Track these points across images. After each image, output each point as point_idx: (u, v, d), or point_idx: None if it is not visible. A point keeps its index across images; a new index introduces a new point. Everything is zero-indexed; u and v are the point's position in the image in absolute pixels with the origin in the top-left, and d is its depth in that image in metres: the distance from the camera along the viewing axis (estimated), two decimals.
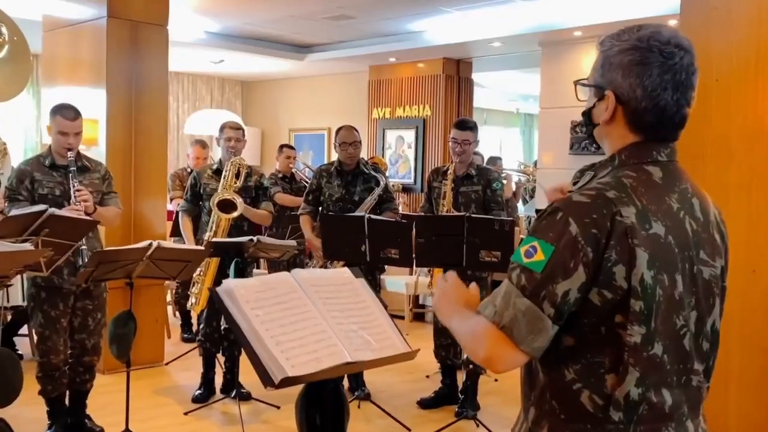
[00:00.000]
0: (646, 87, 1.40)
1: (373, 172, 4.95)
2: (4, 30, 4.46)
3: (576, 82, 1.54)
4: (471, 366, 4.57)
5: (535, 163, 8.36)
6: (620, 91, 1.42)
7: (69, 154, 3.86)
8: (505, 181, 5.98)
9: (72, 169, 3.84)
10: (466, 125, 4.76)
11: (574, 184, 1.52)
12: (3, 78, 4.49)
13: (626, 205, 1.35)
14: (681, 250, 1.39)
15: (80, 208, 3.71)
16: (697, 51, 1.45)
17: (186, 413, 4.57)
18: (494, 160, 8.38)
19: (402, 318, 6.82)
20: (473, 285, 1.58)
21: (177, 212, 5.29)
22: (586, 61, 6.78)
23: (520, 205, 8.69)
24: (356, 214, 4.64)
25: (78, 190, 3.78)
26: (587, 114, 1.52)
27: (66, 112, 3.90)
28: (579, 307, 1.34)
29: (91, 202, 3.82)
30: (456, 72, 8.35)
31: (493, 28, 6.93)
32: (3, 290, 4.23)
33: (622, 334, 1.34)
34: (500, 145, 12.64)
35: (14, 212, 3.38)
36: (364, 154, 7.30)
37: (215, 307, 4.68)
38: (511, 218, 4.49)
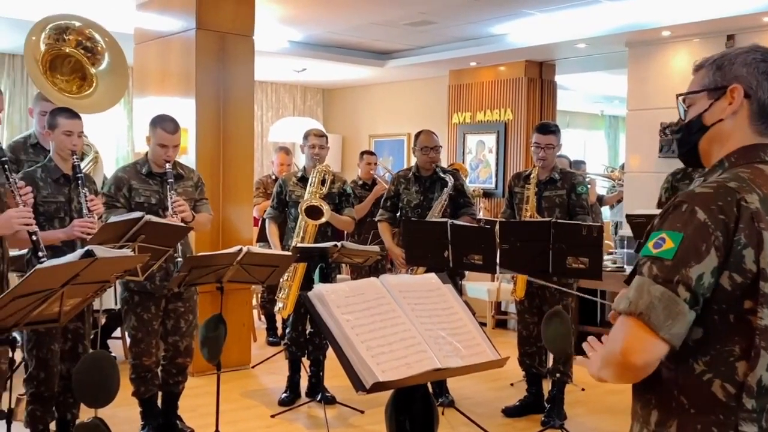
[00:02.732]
0: None
1: (441, 173, 4.95)
2: (103, 43, 4.66)
3: (680, 95, 1.61)
4: (557, 375, 4.51)
5: (622, 167, 8.17)
6: (747, 83, 1.51)
7: (167, 165, 4.00)
8: (589, 186, 5.88)
9: (170, 180, 3.95)
10: (549, 129, 4.70)
11: (665, 190, 1.57)
12: (102, 89, 4.68)
13: (749, 192, 1.40)
14: None
15: (177, 220, 3.84)
16: None
17: (273, 416, 4.67)
18: (578, 164, 8.23)
19: (484, 325, 6.78)
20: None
21: (263, 219, 5.42)
22: (675, 60, 6.59)
23: (606, 210, 8.52)
24: (438, 219, 4.64)
25: (175, 202, 3.91)
26: (696, 121, 1.57)
27: (166, 125, 4.01)
28: (710, 294, 1.37)
29: (188, 212, 3.93)
30: (538, 75, 8.25)
31: (578, 30, 6.82)
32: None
33: (752, 319, 1.37)
34: (584, 148, 12.41)
35: (113, 219, 3.53)
36: (443, 160, 7.31)
37: (301, 311, 4.80)
38: (599, 224, 4.42)
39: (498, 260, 4.27)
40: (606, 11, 6.45)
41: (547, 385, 4.69)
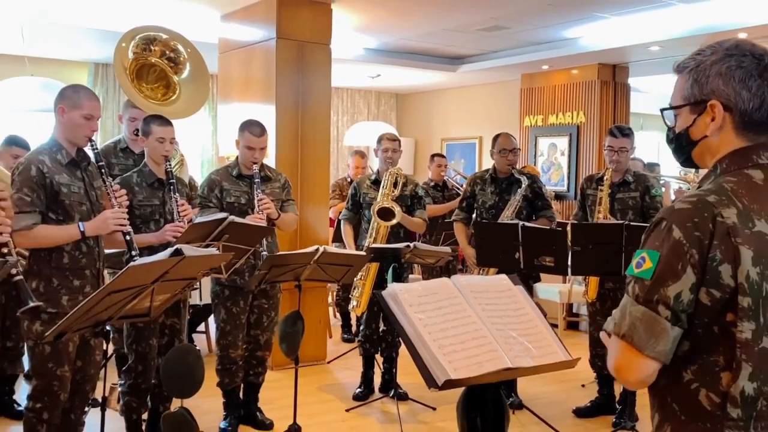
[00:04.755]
0: (751, 87, 1.43)
1: (517, 175, 4.90)
2: (186, 54, 4.81)
3: (663, 110, 1.56)
4: None
5: (697, 169, 7.91)
6: (725, 97, 1.45)
7: (254, 166, 4.12)
8: (663, 189, 5.72)
9: (257, 180, 4.09)
10: (622, 132, 4.60)
11: None
12: (185, 96, 4.83)
13: (726, 206, 1.38)
14: None
15: (263, 216, 3.95)
16: None
17: (347, 410, 4.73)
18: (652, 167, 8.01)
19: (555, 326, 6.68)
20: None
21: (338, 220, 5.49)
22: None
23: None
24: (510, 221, 4.61)
25: (261, 200, 4.03)
26: (684, 135, 1.52)
27: (253, 129, 4.16)
28: (692, 309, 1.37)
29: (273, 210, 4.07)
30: (612, 77, 8.08)
31: (651, 32, 6.65)
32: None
33: (734, 331, 1.36)
34: (658, 150, 12.07)
35: (199, 220, 3.65)
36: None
37: (374, 310, 4.85)
38: None
39: (570, 262, 4.22)
40: (679, 13, 6.27)
41: (618, 387, 4.60)
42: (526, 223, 4.42)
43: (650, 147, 11.84)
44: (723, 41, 1.49)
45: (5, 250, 2.36)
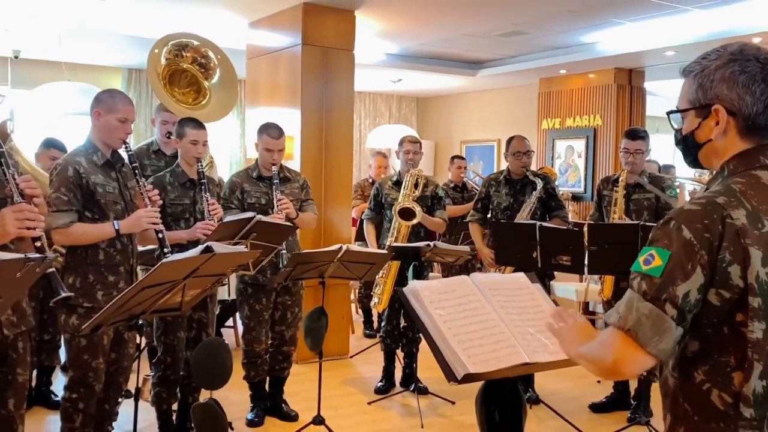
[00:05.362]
0: (755, 92, 1.41)
1: (531, 177, 4.88)
2: (216, 60, 4.85)
3: (670, 112, 1.55)
4: (644, 373, 4.38)
5: (711, 171, 7.82)
6: (729, 102, 1.43)
7: (273, 168, 4.15)
8: (678, 190, 5.66)
9: (275, 181, 4.11)
10: (638, 135, 4.57)
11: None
12: (215, 101, 4.87)
13: (735, 208, 1.35)
14: None
15: (282, 216, 3.98)
16: None
17: (369, 403, 4.75)
18: (667, 168, 7.94)
19: None
20: (580, 315, 1.64)
21: (361, 219, 5.51)
22: None
23: None
24: (527, 221, 4.60)
25: (280, 200, 4.06)
26: (690, 138, 1.50)
27: (271, 131, 4.18)
28: (700, 309, 1.35)
29: (292, 209, 4.09)
30: (628, 81, 8.02)
31: (667, 37, 6.59)
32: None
33: (745, 331, 1.34)
34: (673, 153, 11.94)
35: (228, 218, 3.68)
36: (533, 164, 7.20)
37: (395, 306, 4.86)
38: None
39: (586, 261, 4.20)
40: (695, 19, 6.20)
41: (633, 383, 4.56)
42: (544, 224, 4.41)
43: (665, 149, 11.71)
44: (728, 45, 1.47)
45: (38, 244, 2.40)
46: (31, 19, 6.42)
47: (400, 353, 5.07)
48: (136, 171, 3.28)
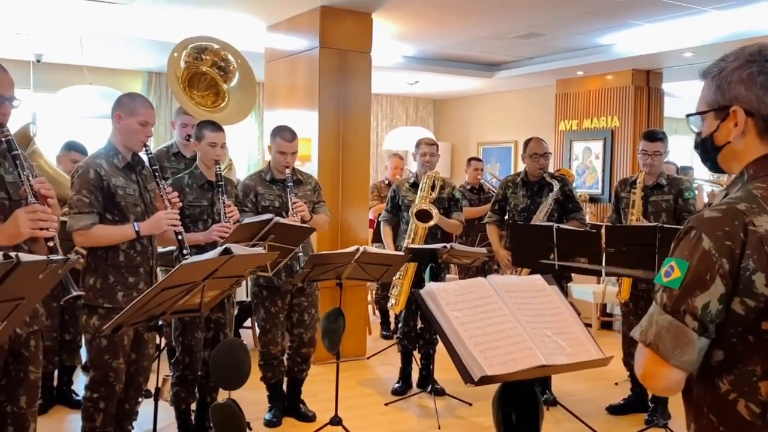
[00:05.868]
0: None
1: (548, 179, 4.86)
2: (235, 63, 4.87)
3: (689, 115, 1.52)
4: None
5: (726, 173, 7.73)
6: (747, 103, 1.40)
7: (286, 170, 4.16)
8: (696, 192, 5.61)
9: (290, 184, 4.12)
10: (656, 136, 4.54)
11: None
12: (233, 104, 4.89)
13: (758, 215, 1.32)
14: None
15: (296, 219, 3.99)
16: None
17: (386, 404, 4.74)
18: (685, 170, 7.87)
19: (589, 326, 6.61)
20: None
21: (378, 221, 5.51)
22: None
23: None
24: (544, 223, 4.58)
25: (294, 203, 4.07)
26: (709, 140, 1.48)
27: (284, 134, 4.19)
28: (724, 318, 1.32)
29: (306, 212, 4.10)
30: (645, 83, 7.97)
31: (685, 39, 6.54)
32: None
33: None
34: (691, 154, 11.83)
35: (246, 221, 3.70)
36: (550, 166, 7.17)
37: (412, 308, 4.85)
38: None
39: (604, 263, 4.17)
40: (712, 20, 6.15)
41: None
42: (561, 225, 4.39)
43: (684, 151, 11.61)
44: (746, 47, 1.45)
45: (51, 244, 2.42)
46: (53, 23, 6.49)
47: (417, 354, 5.06)
48: (156, 173, 3.30)
